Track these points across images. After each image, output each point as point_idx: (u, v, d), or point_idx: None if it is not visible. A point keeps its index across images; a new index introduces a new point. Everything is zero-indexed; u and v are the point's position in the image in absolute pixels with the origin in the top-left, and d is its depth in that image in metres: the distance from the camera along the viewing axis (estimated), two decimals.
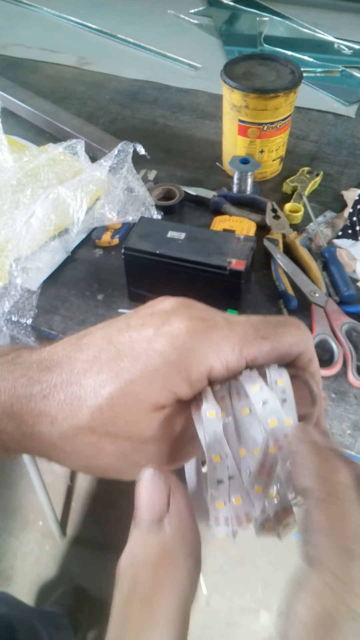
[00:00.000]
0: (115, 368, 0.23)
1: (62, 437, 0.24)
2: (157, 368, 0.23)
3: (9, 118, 0.96)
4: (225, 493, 0.23)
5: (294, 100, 0.75)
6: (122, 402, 0.23)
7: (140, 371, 0.23)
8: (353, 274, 0.68)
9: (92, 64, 1.15)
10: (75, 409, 0.24)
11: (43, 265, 0.69)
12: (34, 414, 0.24)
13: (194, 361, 0.23)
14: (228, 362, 0.24)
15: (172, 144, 0.92)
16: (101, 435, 0.24)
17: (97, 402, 0.23)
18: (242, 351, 0.24)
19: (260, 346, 0.24)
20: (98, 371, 0.24)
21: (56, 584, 1.31)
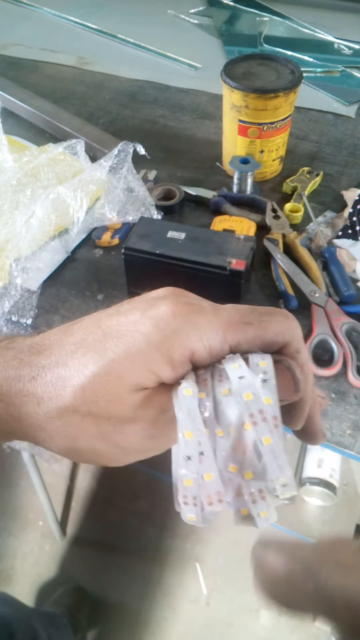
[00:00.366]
0: (99, 348, 0.24)
1: (46, 418, 0.25)
2: (140, 348, 0.24)
3: (9, 118, 0.96)
4: (194, 469, 0.23)
5: (294, 100, 0.75)
6: (104, 381, 0.24)
7: (123, 351, 0.24)
8: (353, 274, 0.68)
9: (92, 64, 1.15)
10: (60, 388, 0.24)
11: (43, 265, 0.69)
12: (22, 395, 0.25)
13: (176, 343, 0.24)
14: (211, 345, 0.24)
15: (172, 144, 0.92)
16: (83, 415, 0.24)
17: (80, 381, 0.24)
18: (225, 336, 0.24)
19: (244, 332, 0.24)
20: (84, 352, 0.24)
21: (56, 584, 1.31)
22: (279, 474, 0.23)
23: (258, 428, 0.23)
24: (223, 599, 1.27)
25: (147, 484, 1.41)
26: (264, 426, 0.23)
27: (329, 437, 0.53)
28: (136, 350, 0.24)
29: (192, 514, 0.23)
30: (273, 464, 0.23)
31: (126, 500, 1.42)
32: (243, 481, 0.23)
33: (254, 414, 0.23)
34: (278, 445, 0.23)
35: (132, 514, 1.40)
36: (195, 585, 1.29)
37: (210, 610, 1.26)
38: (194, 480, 0.23)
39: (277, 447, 0.23)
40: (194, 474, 0.23)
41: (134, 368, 0.24)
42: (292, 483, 0.23)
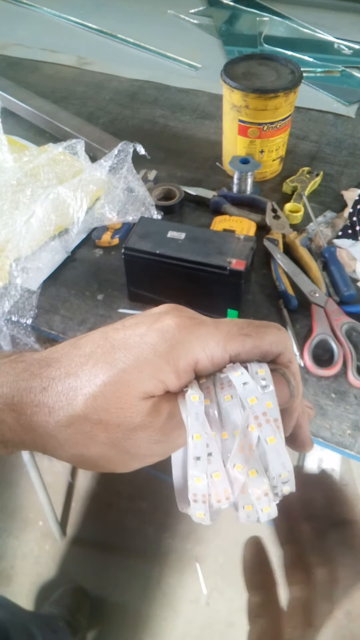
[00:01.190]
0: (109, 360, 0.26)
1: (57, 426, 0.26)
2: (147, 358, 0.25)
3: (9, 118, 0.96)
4: (203, 469, 0.25)
5: (294, 100, 0.75)
6: (114, 390, 0.25)
7: (132, 361, 0.25)
8: (353, 274, 0.68)
9: (92, 64, 1.15)
10: (71, 398, 0.25)
11: (43, 265, 0.69)
12: (33, 405, 0.26)
13: (181, 353, 0.25)
14: (213, 355, 0.26)
15: (172, 144, 0.92)
16: (94, 423, 0.25)
17: (91, 390, 0.25)
18: (226, 346, 0.26)
19: (243, 342, 0.26)
20: (94, 363, 0.26)
21: (56, 584, 1.31)
22: (281, 469, 0.24)
23: (263, 429, 0.25)
24: (223, 599, 1.27)
25: (147, 484, 1.41)
26: (268, 427, 0.25)
27: (329, 437, 0.53)
28: (144, 360, 0.25)
29: (202, 511, 0.25)
30: (276, 461, 0.24)
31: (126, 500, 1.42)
32: (248, 479, 0.24)
33: (258, 416, 0.25)
34: (280, 444, 0.25)
35: (132, 514, 1.40)
36: (195, 585, 1.29)
37: (210, 610, 1.26)
38: (204, 479, 0.25)
39: (280, 446, 0.25)
40: (203, 474, 0.25)
41: (142, 377, 0.25)
42: (292, 479, 0.25)
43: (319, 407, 0.55)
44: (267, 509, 0.24)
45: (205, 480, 0.25)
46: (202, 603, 1.27)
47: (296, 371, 0.28)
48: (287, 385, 0.27)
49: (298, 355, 0.59)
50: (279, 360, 0.28)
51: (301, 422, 0.30)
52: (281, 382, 0.27)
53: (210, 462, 0.25)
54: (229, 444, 0.25)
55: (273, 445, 0.24)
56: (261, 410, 0.25)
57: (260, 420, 0.25)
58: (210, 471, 0.25)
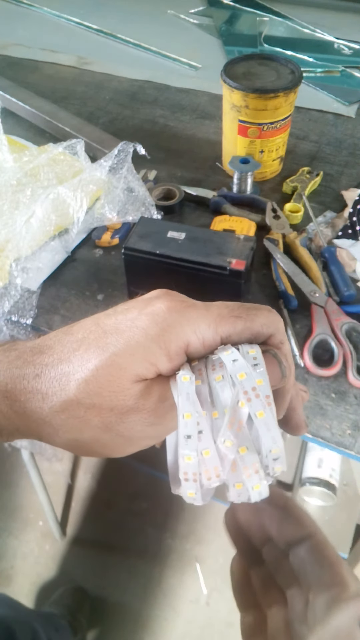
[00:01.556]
0: (101, 344, 0.26)
1: (51, 412, 0.26)
2: (138, 341, 0.25)
3: (9, 118, 0.96)
4: (194, 447, 0.25)
5: (294, 100, 0.75)
6: (106, 373, 0.25)
7: (123, 345, 0.26)
8: (353, 274, 0.68)
9: (92, 64, 1.15)
10: (64, 384, 0.26)
11: (43, 265, 0.69)
12: (27, 392, 0.26)
13: (172, 335, 0.26)
14: (204, 337, 0.26)
15: (172, 144, 0.92)
16: (87, 407, 0.26)
17: (84, 374, 0.25)
18: (217, 328, 0.26)
19: (234, 324, 0.26)
20: (86, 349, 0.26)
21: (56, 584, 1.31)
22: (272, 445, 0.24)
23: (252, 404, 0.25)
24: (223, 599, 1.27)
25: (147, 484, 1.41)
26: (258, 402, 0.25)
27: (329, 437, 0.53)
28: (135, 344, 0.25)
29: (192, 490, 0.25)
30: (266, 436, 0.24)
31: (126, 500, 1.42)
32: (238, 456, 0.25)
33: (247, 391, 0.25)
34: (271, 419, 0.25)
35: (132, 514, 1.40)
36: (195, 585, 1.29)
37: (210, 610, 1.26)
38: (194, 457, 0.25)
39: (270, 421, 0.25)
40: (193, 452, 0.25)
41: (134, 360, 0.25)
42: (283, 456, 0.25)
43: (319, 407, 0.55)
44: (257, 487, 0.24)
45: (196, 458, 0.25)
46: (202, 603, 1.27)
47: (288, 352, 0.28)
48: (279, 366, 0.27)
49: (298, 355, 0.59)
50: (271, 341, 0.28)
51: (295, 404, 0.30)
52: (273, 362, 0.27)
53: (201, 440, 0.25)
54: (219, 422, 0.25)
55: (263, 419, 0.24)
56: (250, 386, 0.25)
57: (249, 395, 0.25)
58: (201, 448, 0.25)
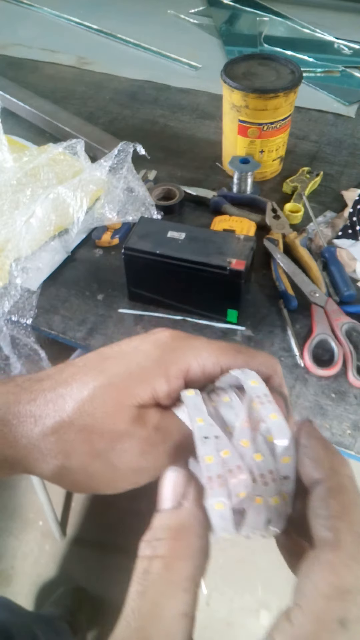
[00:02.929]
0: (100, 367, 0.26)
1: (41, 435, 0.25)
2: (138, 363, 0.26)
3: (9, 118, 0.96)
4: (213, 447, 0.24)
5: (294, 100, 0.75)
6: (102, 393, 0.25)
7: (123, 367, 0.26)
8: (353, 274, 0.68)
9: (92, 64, 1.15)
10: (59, 405, 0.26)
11: (43, 265, 0.69)
12: (19, 415, 0.26)
13: (173, 358, 0.26)
14: (205, 365, 0.26)
15: (172, 144, 0.92)
16: (79, 429, 0.25)
17: (81, 395, 0.25)
18: (218, 357, 0.27)
19: (234, 357, 0.27)
20: (85, 372, 0.26)
21: (56, 584, 1.31)
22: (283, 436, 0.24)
23: (265, 406, 0.25)
24: (223, 599, 1.27)
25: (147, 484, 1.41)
26: (270, 406, 0.25)
27: (329, 437, 0.53)
28: (135, 365, 0.26)
29: (222, 498, 0.23)
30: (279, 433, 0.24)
31: (126, 500, 1.42)
32: (254, 462, 0.24)
33: (260, 396, 0.25)
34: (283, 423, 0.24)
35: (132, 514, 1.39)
36: None
37: (210, 610, 1.26)
38: (215, 456, 0.24)
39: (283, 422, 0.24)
40: (214, 451, 0.24)
41: (131, 381, 0.25)
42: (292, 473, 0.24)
43: (319, 407, 0.55)
44: (276, 501, 0.24)
45: (218, 458, 0.24)
46: (202, 603, 1.27)
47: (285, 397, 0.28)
48: (284, 402, 0.27)
49: (298, 355, 0.59)
50: (270, 383, 0.27)
51: None
52: (279, 400, 0.26)
53: (219, 440, 0.24)
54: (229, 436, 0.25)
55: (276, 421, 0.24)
56: (263, 392, 0.25)
57: (263, 399, 0.25)
58: (220, 449, 0.24)
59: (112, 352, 0.27)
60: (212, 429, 0.25)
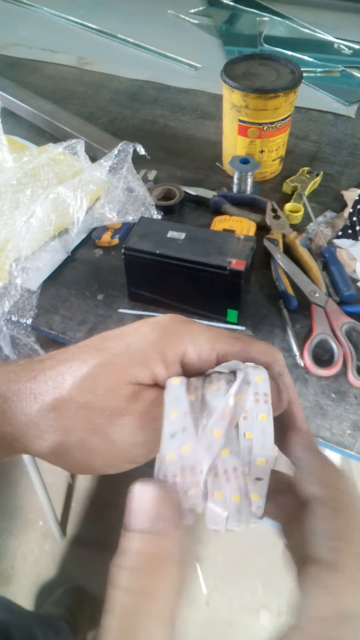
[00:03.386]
0: (101, 347, 0.27)
1: (40, 411, 0.26)
2: (138, 345, 0.26)
3: (9, 118, 0.96)
4: (177, 443, 0.24)
5: (294, 100, 0.75)
6: (102, 371, 0.26)
7: (123, 347, 0.26)
8: (353, 274, 0.68)
9: (92, 64, 1.15)
10: (59, 382, 0.26)
11: (43, 265, 0.69)
12: (19, 392, 0.26)
13: (170, 342, 0.26)
14: (201, 350, 0.27)
15: (172, 144, 0.92)
16: (79, 405, 0.25)
17: (81, 372, 0.26)
18: (215, 344, 0.27)
19: (232, 344, 0.27)
20: (86, 351, 0.27)
21: (56, 584, 1.31)
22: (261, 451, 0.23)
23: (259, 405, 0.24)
24: (223, 599, 1.27)
25: None
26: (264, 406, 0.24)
27: (329, 437, 0.53)
28: (135, 347, 0.26)
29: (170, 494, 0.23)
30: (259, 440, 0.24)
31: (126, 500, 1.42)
32: (219, 457, 0.24)
33: (258, 392, 0.25)
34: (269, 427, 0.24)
35: None
36: (195, 585, 1.29)
37: (210, 610, 1.26)
38: (176, 453, 0.24)
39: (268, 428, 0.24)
40: (177, 448, 0.24)
41: (131, 362, 0.26)
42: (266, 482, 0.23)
43: (319, 407, 0.55)
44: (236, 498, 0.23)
45: (179, 455, 0.24)
46: (202, 603, 1.27)
47: (289, 385, 0.28)
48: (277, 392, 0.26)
49: (298, 355, 0.59)
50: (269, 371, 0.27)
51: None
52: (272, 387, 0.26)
53: (185, 434, 0.24)
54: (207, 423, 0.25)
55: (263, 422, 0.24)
56: (263, 391, 0.25)
57: (259, 397, 0.24)
58: (183, 443, 0.24)
59: (113, 334, 0.27)
60: (184, 420, 0.24)
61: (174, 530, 0.21)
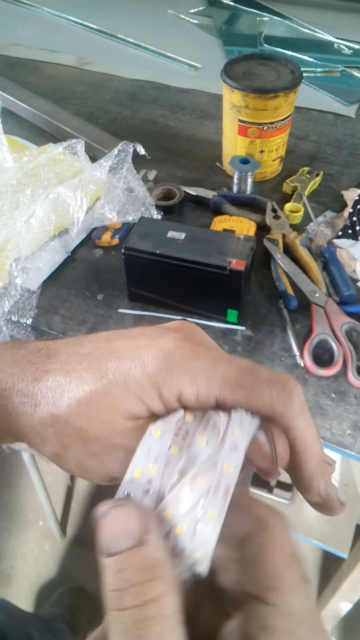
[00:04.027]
0: (102, 367, 0.25)
1: (40, 422, 0.25)
2: (135, 376, 0.24)
3: (9, 118, 0.96)
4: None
5: (294, 100, 0.75)
6: (99, 400, 0.24)
7: (121, 376, 0.24)
8: (353, 274, 0.68)
9: (92, 64, 1.15)
10: (57, 396, 0.25)
11: (43, 265, 0.69)
12: (22, 394, 0.26)
13: (167, 380, 0.24)
14: (199, 392, 0.24)
15: (172, 144, 0.92)
16: (74, 429, 0.25)
17: (77, 394, 0.25)
18: (214, 389, 0.24)
19: (232, 393, 0.24)
20: (87, 366, 0.25)
21: (56, 584, 1.31)
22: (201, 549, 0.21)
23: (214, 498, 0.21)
24: None
25: None
26: (218, 500, 0.21)
27: (329, 437, 0.53)
28: (133, 378, 0.24)
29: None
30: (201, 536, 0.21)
31: None
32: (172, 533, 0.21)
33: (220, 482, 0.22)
34: (219, 521, 0.21)
35: None
36: None
37: None
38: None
39: (219, 521, 0.21)
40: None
41: (128, 394, 0.24)
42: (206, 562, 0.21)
43: (319, 407, 0.55)
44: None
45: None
46: None
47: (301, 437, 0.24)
48: (270, 450, 0.24)
49: (298, 355, 0.59)
50: (275, 423, 0.24)
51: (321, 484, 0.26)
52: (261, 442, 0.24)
53: (143, 501, 0.22)
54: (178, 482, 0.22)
55: (212, 521, 0.21)
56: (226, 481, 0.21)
57: (219, 488, 0.21)
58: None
59: (118, 345, 0.26)
60: (142, 485, 0.22)
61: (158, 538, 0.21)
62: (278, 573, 0.21)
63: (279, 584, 0.20)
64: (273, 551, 0.21)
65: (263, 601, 0.20)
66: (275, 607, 0.20)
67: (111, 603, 0.19)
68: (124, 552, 0.20)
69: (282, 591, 0.20)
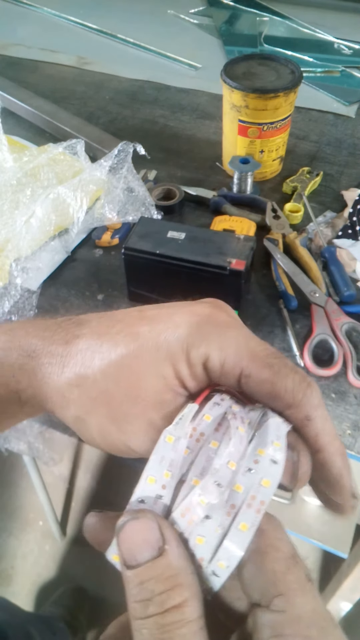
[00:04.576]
0: (134, 330, 0.25)
1: (67, 383, 0.26)
2: (166, 339, 0.25)
3: (9, 118, 0.96)
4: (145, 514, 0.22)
5: (294, 100, 0.75)
6: (128, 364, 0.25)
7: (152, 339, 0.25)
8: (353, 274, 0.68)
9: (92, 64, 1.15)
10: (88, 358, 0.25)
11: (43, 265, 0.69)
12: (51, 355, 0.26)
13: (197, 342, 0.24)
14: (226, 361, 0.24)
15: (172, 144, 0.92)
16: (101, 390, 0.25)
17: (109, 356, 0.25)
18: (242, 360, 0.24)
19: (260, 370, 0.24)
20: (119, 330, 0.26)
21: (56, 584, 1.31)
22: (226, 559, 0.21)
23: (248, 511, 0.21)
24: None
25: None
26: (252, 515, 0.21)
27: None
28: (163, 340, 0.25)
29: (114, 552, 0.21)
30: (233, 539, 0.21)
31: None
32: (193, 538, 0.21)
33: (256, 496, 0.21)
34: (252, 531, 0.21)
35: None
36: None
37: None
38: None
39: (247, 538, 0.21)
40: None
41: (157, 358, 0.24)
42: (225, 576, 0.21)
43: None
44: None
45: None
46: None
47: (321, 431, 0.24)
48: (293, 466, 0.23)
49: (298, 355, 0.59)
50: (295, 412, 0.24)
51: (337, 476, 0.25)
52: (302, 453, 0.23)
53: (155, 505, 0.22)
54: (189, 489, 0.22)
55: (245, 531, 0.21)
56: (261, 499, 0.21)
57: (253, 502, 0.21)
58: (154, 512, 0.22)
59: (150, 313, 0.26)
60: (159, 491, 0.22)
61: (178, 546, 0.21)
62: (280, 578, 0.20)
63: (284, 588, 0.20)
64: (272, 556, 0.21)
65: (270, 609, 0.20)
66: (284, 613, 0.20)
67: (135, 612, 0.20)
68: (144, 564, 0.20)
69: (288, 595, 0.20)
